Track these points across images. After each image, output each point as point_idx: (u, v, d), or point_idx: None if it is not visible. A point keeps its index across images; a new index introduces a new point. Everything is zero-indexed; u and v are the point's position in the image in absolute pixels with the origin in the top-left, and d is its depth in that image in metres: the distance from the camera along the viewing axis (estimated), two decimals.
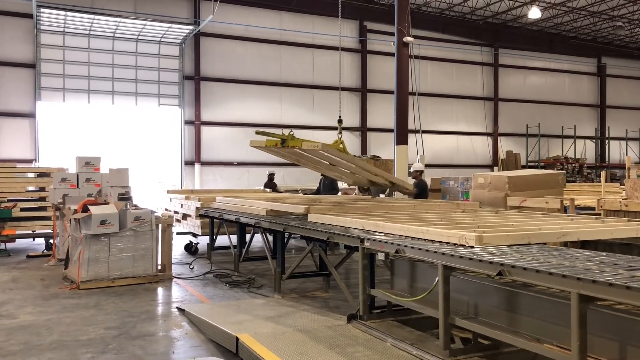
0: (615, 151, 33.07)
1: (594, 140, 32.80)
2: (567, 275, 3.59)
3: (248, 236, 10.09)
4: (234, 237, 10.27)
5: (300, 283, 8.67)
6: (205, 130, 22.89)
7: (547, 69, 31.10)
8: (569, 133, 30.97)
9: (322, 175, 14.91)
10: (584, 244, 5.61)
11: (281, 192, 16.42)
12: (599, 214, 9.13)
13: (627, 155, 27.95)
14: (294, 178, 22.95)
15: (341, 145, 9.53)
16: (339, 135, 9.45)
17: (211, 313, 6.69)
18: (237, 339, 5.41)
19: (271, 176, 17.55)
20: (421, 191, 12.04)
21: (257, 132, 9.67)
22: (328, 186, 14.57)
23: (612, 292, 3.32)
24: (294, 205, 8.17)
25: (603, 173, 16.44)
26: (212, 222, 10.98)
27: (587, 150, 32.20)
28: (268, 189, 16.01)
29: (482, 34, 29.03)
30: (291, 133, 8.68)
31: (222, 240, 11.32)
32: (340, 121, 10.17)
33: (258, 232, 9.44)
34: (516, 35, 29.69)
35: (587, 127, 32.45)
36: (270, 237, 9.14)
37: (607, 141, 32.78)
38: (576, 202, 11.36)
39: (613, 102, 33.20)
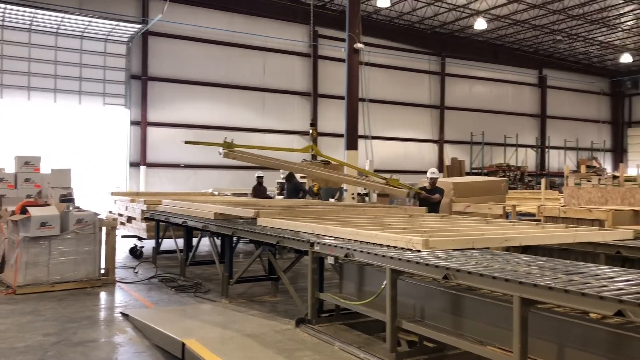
0: (555, 160, 34.45)
1: (535, 149, 34.07)
2: (509, 279, 3.70)
3: (195, 240, 9.94)
4: (180, 241, 10.09)
5: (248, 287, 8.60)
6: (152, 131, 22.39)
7: (491, 79, 32.09)
8: (512, 141, 32.06)
9: (284, 179, 14.90)
10: (525, 249, 5.81)
11: (271, 197, 15.63)
12: (539, 220, 9.48)
13: (565, 164, 29.17)
14: (243, 181, 22.73)
15: (312, 150, 9.63)
16: (312, 140, 9.55)
17: (156, 318, 6.54)
18: (184, 344, 5.31)
19: (260, 179, 15.47)
20: (442, 197, 11.20)
21: (186, 142, 9.63)
22: (292, 190, 14.52)
23: (552, 296, 3.45)
24: (243, 209, 8.10)
25: (543, 181, 17.11)
26: (158, 225, 10.76)
27: (528, 159, 33.40)
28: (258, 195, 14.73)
29: (430, 43, 29.69)
30: (232, 140, 8.72)
31: (168, 244, 11.11)
32: (312, 125, 10.26)
33: (205, 236, 9.33)
34: (462, 45, 30.52)
35: (528, 136, 33.67)
36: (218, 241, 9.03)
37: (547, 150, 34.13)
38: (518, 209, 11.79)
39: (553, 112, 34.60)
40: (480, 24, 25.89)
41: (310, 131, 10.18)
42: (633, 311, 3.03)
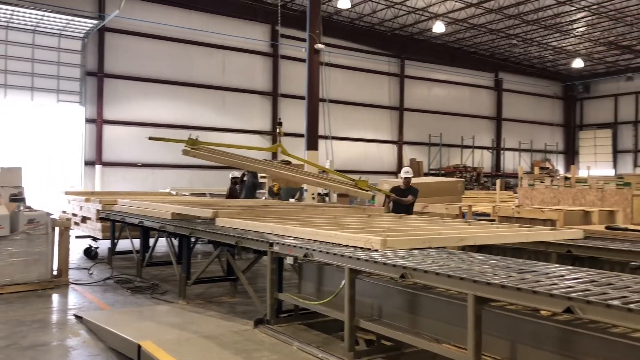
0: (510, 161, 35.33)
1: (491, 151, 34.87)
2: (464, 278, 3.78)
3: (152, 240, 9.77)
4: (137, 241, 9.90)
5: (206, 288, 8.50)
6: (108, 130, 21.89)
7: (449, 82, 32.67)
8: (468, 143, 32.72)
9: (239, 178, 14.73)
10: (480, 248, 5.94)
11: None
12: (494, 220, 9.70)
13: (519, 165, 29.94)
14: (202, 181, 22.52)
15: (279, 149, 9.57)
16: (279, 139, 9.50)
17: (111, 320, 6.41)
18: (139, 346, 5.22)
19: (235, 180, 14.37)
20: (416, 197, 10.73)
21: (150, 138, 9.43)
22: (249, 189, 14.37)
23: (505, 294, 3.54)
24: (201, 209, 8.01)
25: (498, 181, 17.53)
26: (114, 225, 10.52)
27: (484, 160, 34.16)
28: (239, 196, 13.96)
29: (389, 45, 30.00)
30: (197, 137, 8.60)
31: (124, 244, 10.89)
32: (279, 123, 10.19)
33: (163, 236, 9.18)
34: (421, 48, 30.96)
35: (484, 137, 34.44)
36: (176, 242, 8.91)
37: (502, 151, 34.97)
38: (473, 209, 12.03)
39: (508, 115, 35.48)
40: (438, 27, 26.33)
41: (277, 130, 10.08)
42: (581, 308, 3.14)
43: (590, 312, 3.11)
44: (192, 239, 8.09)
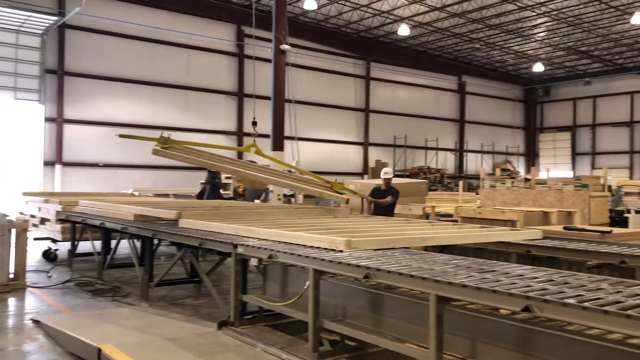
0: (472, 163, 35.95)
1: (454, 152, 35.43)
2: (426, 278, 3.83)
3: (114, 242, 9.58)
4: (98, 243, 9.70)
5: (169, 291, 8.39)
6: (69, 129, 21.37)
7: (414, 84, 33.04)
8: (432, 145, 33.17)
9: (206, 178, 14.58)
10: (443, 248, 6.03)
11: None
12: (457, 221, 9.85)
13: (482, 166, 30.49)
14: (167, 181, 22.20)
15: (253, 149, 9.47)
16: (254, 140, 9.42)
17: (71, 323, 6.26)
18: (99, 350, 5.12)
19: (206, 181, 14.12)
20: (396, 198, 10.57)
21: (120, 136, 9.26)
22: (212, 189, 14.23)
23: (466, 293, 3.60)
24: (164, 210, 7.91)
25: (461, 183, 17.81)
26: (74, 227, 10.29)
27: (447, 161, 34.66)
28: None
29: (355, 47, 30.17)
30: (169, 136, 8.47)
31: (84, 246, 10.64)
32: (254, 123, 10.09)
33: (125, 238, 9.02)
34: (387, 50, 31.23)
35: (448, 139, 34.95)
36: (139, 243, 8.76)
37: (465, 153, 35.57)
38: (437, 210, 12.20)
39: (471, 117, 36.10)
40: (403, 30, 26.62)
41: (253, 130, 10.00)
42: (539, 307, 3.21)
43: (548, 311, 3.19)
44: (155, 241, 7.98)
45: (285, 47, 15.84)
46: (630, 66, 34.26)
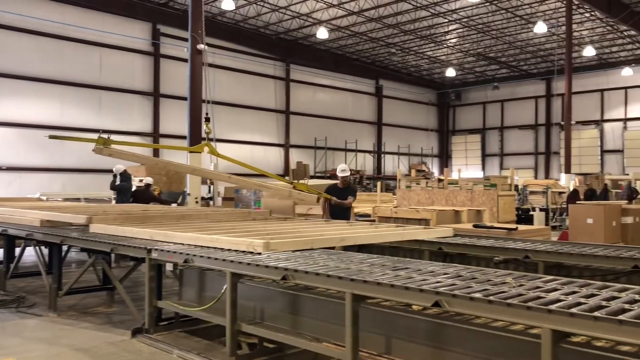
0: (390, 164, 36.92)
1: (373, 154, 36.23)
2: (342, 277, 3.88)
3: (18, 250, 9.02)
4: (0, 251, 9.09)
5: (80, 299, 8.00)
6: None
7: (333, 87, 33.50)
8: (352, 147, 33.75)
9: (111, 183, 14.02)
10: (360, 248, 6.14)
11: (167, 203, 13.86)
12: (374, 220, 10.07)
13: (398, 168, 31.39)
14: (77, 185, 21.16)
15: (206, 149, 9.10)
16: (206, 139, 9.07)
17: None
18: None
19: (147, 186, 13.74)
20: (355, 198, 9.75)
21: (51, 137, 8.68)
22: (124, 192, 13.72)
23: (380, 290, 3.69)
24: (74, 215, 7.54)
25: (379, 184, 18.23)
26: None
27: (366, 163, 35.40)
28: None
29: (275, 49, 30.16)
30: (108, 137, 7.96)
31: None
32: (207, 119, 9.74)
33: (30, 245, 8.51)
34: (306, 53, 31.47)
35: (367, 141, 35.71)
36: (46, 251, 8.30)
37: (383, 155, 36.47)
38: (356, 210, 12.41)
39: (388, 120, 37.08)
40: (322, 34, 26.92)
41: (204, 127, 9.62)
42: (448, 301, 3.34)
43: (456, 305, 3.32)
44: (64, 247, 7.58)
45: (201, 46, 15.55)
46: (534, 72, 36.51)
